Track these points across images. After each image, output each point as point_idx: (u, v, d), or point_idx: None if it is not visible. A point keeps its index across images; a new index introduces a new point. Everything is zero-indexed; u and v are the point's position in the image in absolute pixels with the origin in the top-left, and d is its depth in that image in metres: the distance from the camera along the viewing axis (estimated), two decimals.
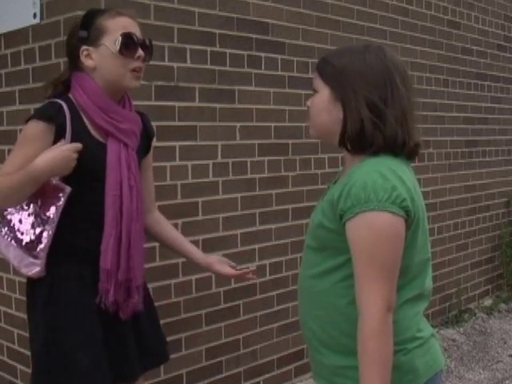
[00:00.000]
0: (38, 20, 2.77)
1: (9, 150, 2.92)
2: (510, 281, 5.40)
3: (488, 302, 5.20)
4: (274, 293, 3.44)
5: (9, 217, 1.93)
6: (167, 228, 2.22)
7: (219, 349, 3.17)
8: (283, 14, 3.42)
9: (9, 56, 2.96)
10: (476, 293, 5.13)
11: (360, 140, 1.48)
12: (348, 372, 1.48)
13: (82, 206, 1.86)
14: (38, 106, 2.74)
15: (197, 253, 2.22)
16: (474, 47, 5.01)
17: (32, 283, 1.93)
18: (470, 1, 4.94)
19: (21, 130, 2.83)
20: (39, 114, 1.85)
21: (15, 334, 3.01)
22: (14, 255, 1.89)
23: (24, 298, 2.90)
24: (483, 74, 5.13)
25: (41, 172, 1.78)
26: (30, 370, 2.88)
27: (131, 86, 1.90)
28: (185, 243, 2.22)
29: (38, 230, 1.85)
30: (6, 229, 1.92)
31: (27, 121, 1.87)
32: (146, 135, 2.08)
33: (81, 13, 2.56)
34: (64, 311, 1.85)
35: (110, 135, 1.89)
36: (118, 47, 1.83)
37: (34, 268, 1.85)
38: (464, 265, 4.96)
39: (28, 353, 2.90)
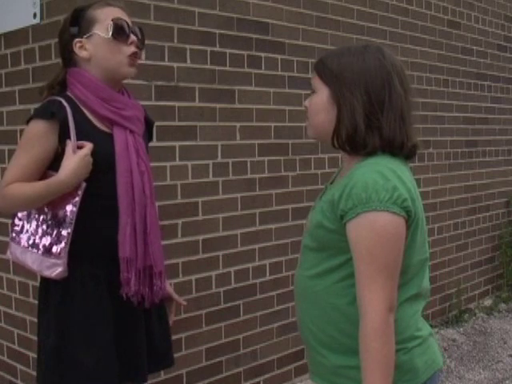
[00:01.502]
0: (38, 20, 2.77)
1: (9, 150, 2.92)
2: (510, 281, 5.40)
3: (488, 302, 5.20)
4: (274, 293, 3.44)
5: (23, 223, 1.91)
6: None
7: (219, 349, 3.18)
8: (283, 14, 3.42)
9: (9, 56, 2.96)
10: (476, 293, 5.13)
11: (353, 141, 1.49)
12: (349, 372, 1.48)
13: (93, 200, 1.83)
14: (38, 106, 2.76)
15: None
16: (474, 47, 5.01)
17: (46, 284, 1.90)
18: (470, 1, 4.94)
19: (21, 130, 2.84)
20: (39, 113, 1.83)
21: (15, 334, 3.01)
22: (32, 260, 1.86)
23: (24, 298, 2.92)
24: (483, 73, 5.13)
25: (67, 184, 1.77)
26: (29, 370, 2.89)
27: (127, 72, 1.88)
28: None
29: (55, 231, 1.83)
30: (21, 235, 1.90)
31: (28, 121, 1.86)
32: (146, 123, 2.06)
33: None
34: (78, 311, 1.83)
35: (114, 124, 1.87)
36: (111, 32, 1.83)
37: (57, 268, 1.81)
38: (464, 265, 4.96)
39: (28, 353, 2.91)
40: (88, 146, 1.80)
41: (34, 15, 2.78)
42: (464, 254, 4.95)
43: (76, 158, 1.77)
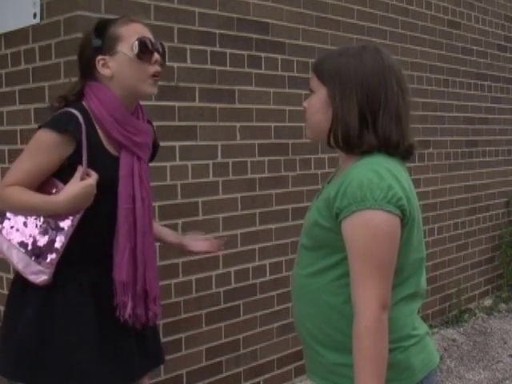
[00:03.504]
0: (38, 20, 2.77)
1: (9, 150, 2.92)
2: (510, 281, 5.40)
3: (488, 302, 5.20)
4: (274, 293, 3.44)
5: (10, 217, 1.89)
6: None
7: (219, 349, 3.18)
8: (283, 14, 3.42)
9: (9, 56, 2.96)
10: (476, 293, 5.13)
11: (348, 140, 1.49)
12: (344, 370, 1.49)
13: (92, 217, 1.83)
14: (38, 106, 2.76)
15: (169, 235, 2.21)
16: (474, 47, 5.01)
17: (24, 285, 1.87)
18: (470, 1, 4.94)
19: (21, 130, 2.85)
20: (54, 124, 1.79)
21: None
22: (17, 258, 1.84)
23: None
24: (483, 73, 5.13)
25: (63, 208, 1.78)
26: None
27: (149, 92, 1.88)
28: (159, 227, 2.21)
29: (48, 238, 1.82)
30: (10, 230, 1.88)
31: (40, 127, 1.82)
32: (153, 145, 2.05)
33: (81, 13, 2.58)
34: (63, 311, 1.83)
35: (123, 147, 1.86)
36: (136, 52, 1.81)
37: (42, 276, 1.81)
38: (464, 265, 4.96)
39: None
40: (94, 177, 1.79)
41: (34, 15, 2.78)
42: (464, 254, 4.95)
43: (81, 185, 1.77)
